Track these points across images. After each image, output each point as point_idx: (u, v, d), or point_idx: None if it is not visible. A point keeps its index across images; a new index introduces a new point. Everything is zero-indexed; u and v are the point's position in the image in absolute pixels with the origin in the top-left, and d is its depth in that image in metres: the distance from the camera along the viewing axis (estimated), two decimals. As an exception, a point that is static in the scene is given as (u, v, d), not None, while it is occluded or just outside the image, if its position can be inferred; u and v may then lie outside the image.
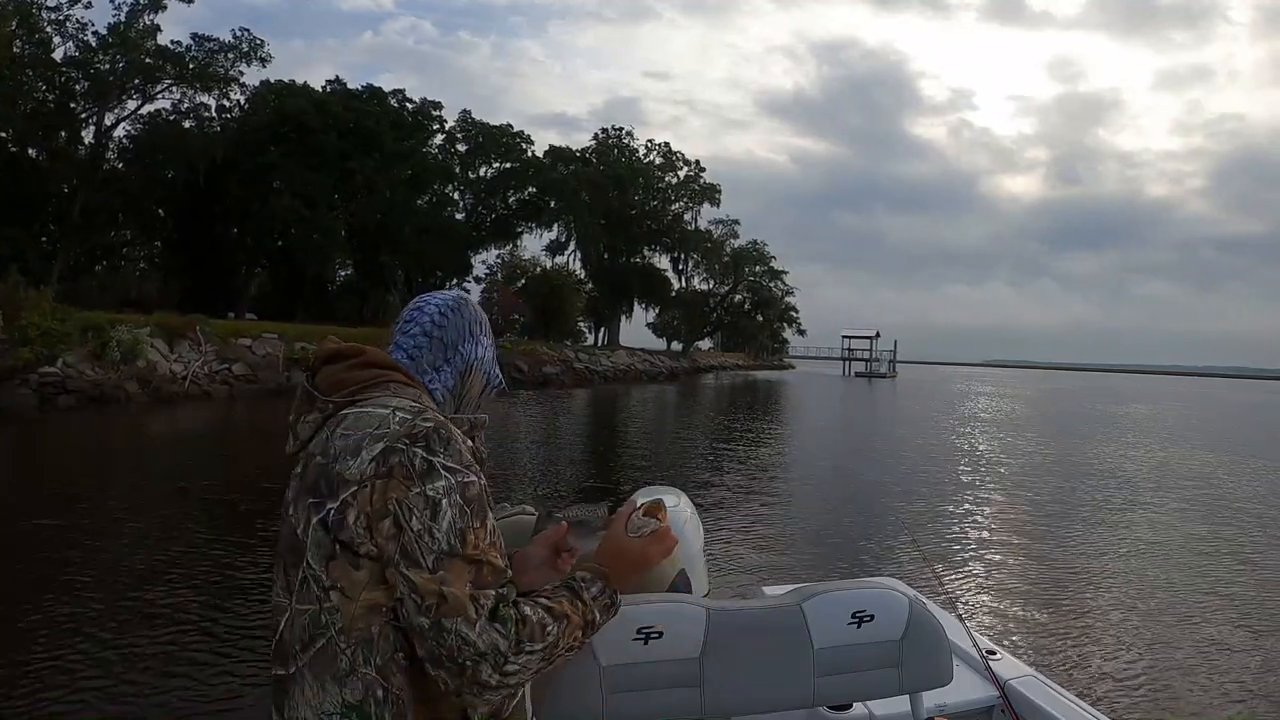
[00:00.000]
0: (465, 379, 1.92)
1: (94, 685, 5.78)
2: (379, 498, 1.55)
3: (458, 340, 1.92)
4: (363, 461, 1.57)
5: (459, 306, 1.96)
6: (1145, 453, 24.44)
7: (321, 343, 1.90)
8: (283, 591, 1.64)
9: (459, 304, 1.97)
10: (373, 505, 1.55)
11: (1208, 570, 10.48)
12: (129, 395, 25.70)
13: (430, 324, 1.90)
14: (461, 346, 1.92)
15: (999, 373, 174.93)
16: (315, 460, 1.64)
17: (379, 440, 1.58)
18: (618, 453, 20.29)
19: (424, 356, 1.88)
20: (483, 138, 71.62)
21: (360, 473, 1.56)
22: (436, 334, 1.89)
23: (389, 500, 1.55)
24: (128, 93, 52.62)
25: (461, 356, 1.92)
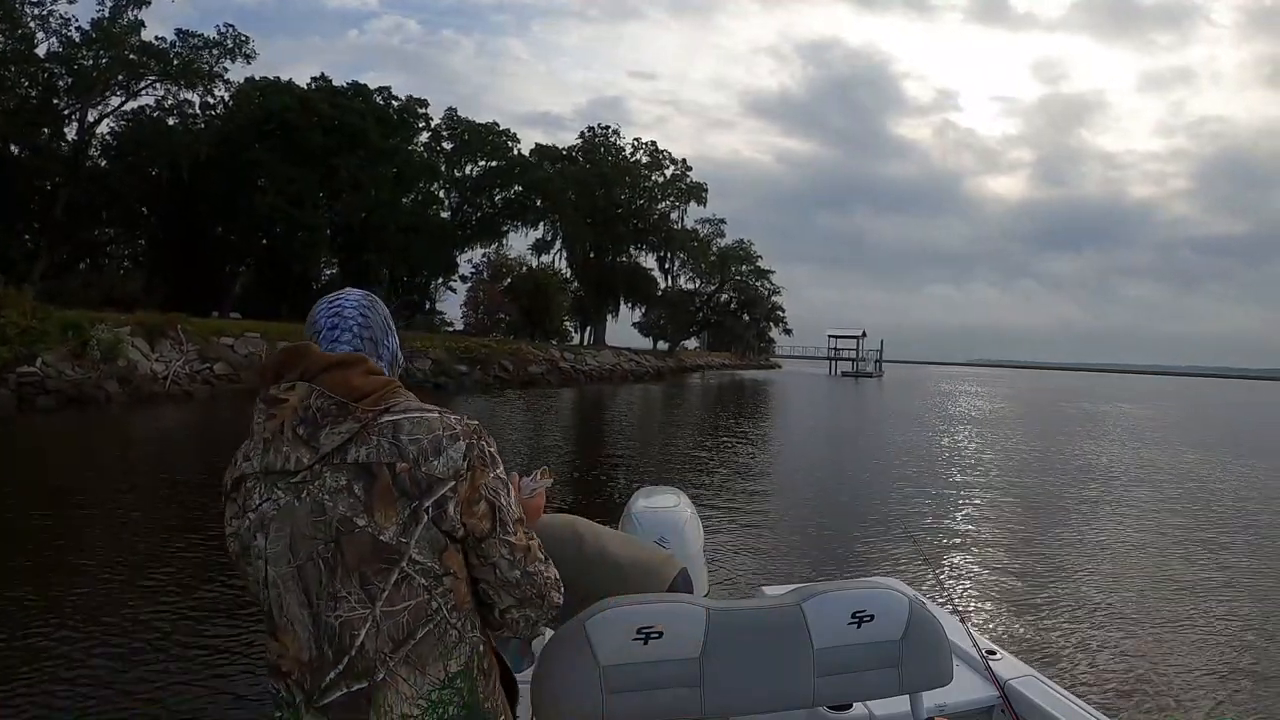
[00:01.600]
0: (392, 370, 2.01)
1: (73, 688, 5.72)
2: (470, 487, 1.79)
3: (383, 335, 2.00)
4: (451, 459, 1.76)
5: (373, 303, 2.03)
6: (1135, 451, 24.51)
7: (290, 348, 1.85)
8: (351, 603, 1.73)
9: (372, 300, 2.04)
10: (468, 494, 1.78)
11: (1207, 569, 10.49)
12: (109, 395, 25.47)
13: (359, 324, 1.96)
14: (386, 340, 2.01)
15: (984, 372, 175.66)
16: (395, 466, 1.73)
17: (457, 440, 1.79)
18: (610, 453, 20.16)
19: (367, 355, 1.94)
20: (468, 136, 71.41)
21: (453, 469, 1.76)
22: (367, 333, 1.97)
23: (479, 487, 1.81)
24: (111, 89, 52.25)
25: (388, 349, 2.01)
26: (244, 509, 1.80)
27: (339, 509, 1.72)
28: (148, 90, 53.95)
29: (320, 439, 1.73)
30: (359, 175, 57.81)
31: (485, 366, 45.09)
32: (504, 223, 73.94)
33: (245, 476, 1.82)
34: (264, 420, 1.79)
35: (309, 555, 1.74)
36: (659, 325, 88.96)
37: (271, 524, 1.76)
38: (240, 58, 55.41)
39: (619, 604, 2.52)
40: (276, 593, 1.77)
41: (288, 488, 1.75)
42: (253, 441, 1.82)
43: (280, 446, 1.76)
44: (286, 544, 1.75)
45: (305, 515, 1.73)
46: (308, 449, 1.74)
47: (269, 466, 1.77)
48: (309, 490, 1.74)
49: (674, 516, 4.37)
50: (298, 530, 1.74)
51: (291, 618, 1.76)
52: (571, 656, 2.45)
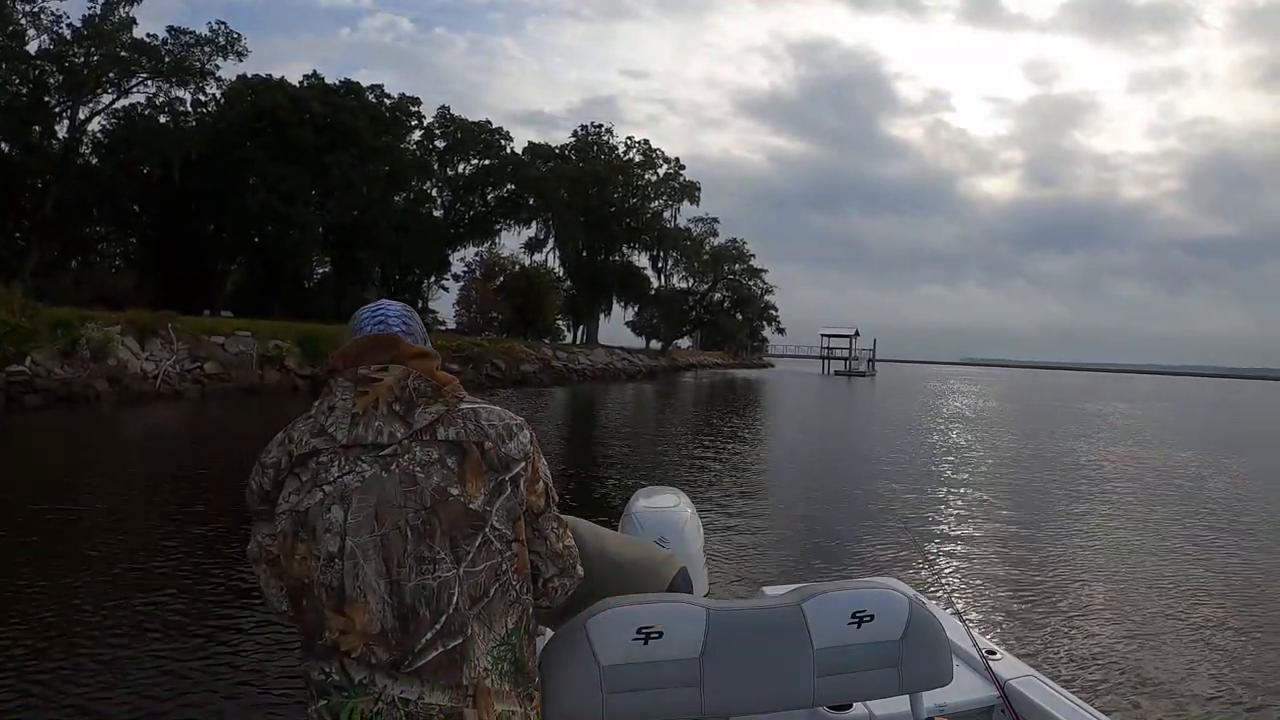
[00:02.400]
0: None
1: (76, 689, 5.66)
2: (533, 467, 2.04)
3: (422, 339, 2.12)
4: (521, 443, 2.01)
5: (412, 313, 2.19)
6: (1131, 451, 24.50)
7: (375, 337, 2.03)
8: (447, 565, 1.87)
9: (411, 310, 2.19)
10: (531, 474, 2.03)
11: (1207, 569, 10.47)
12: (98, 394, 25.34)
13: (404, 325, 2.09)
14: (424, 343, 2.11)
15: (976, 371, 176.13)
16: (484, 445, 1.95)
17: (522, 429, 2.05)
18: (605, 453, 20.06)
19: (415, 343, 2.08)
20: (461, 134, 71.29)
21: (524, 451, 2.01)
22: (412, 326, 2.13)
23: (538, 468, 2.07)
24: (102, 86, 52.14)
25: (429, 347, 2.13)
26: (315, 482, 1.87)
27: (433, 479, 1.87)
28: (139, 88, 53.95)
29: (415, 416, 1.91)
30: (351, 173, 57.66)
31: (477, 365, 44.96)
32: (496, 221, 73.87)
33: (319, 451, 1.89)
34: (352, 397, 1.91)
35: (394, 524, 1.84)
36: (652, 324, 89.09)
37: (354, 495, 1.85)
38: (232, 55, 55.35)
39: (619, 604, 2.51)
40: (353, 563, 1.83)
41: (374, 460, 1.87)
42: (330, 416, 1.91)
43: (372, 421, 1.89)
44: (371, 514, 1.84)
45: (394, 486, 1.86)
46: (402, 424, 1.90)
47: (357, 439, 1.88)
48: (399, 463, 1.87)
49: (674, 516, 4.36)
50: (385, 500, 1.85)
51: (365, 587, 1.83)
52: (572, 656, 2.44)
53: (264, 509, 1.97)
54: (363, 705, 1.84)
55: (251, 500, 1.99)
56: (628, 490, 13.46)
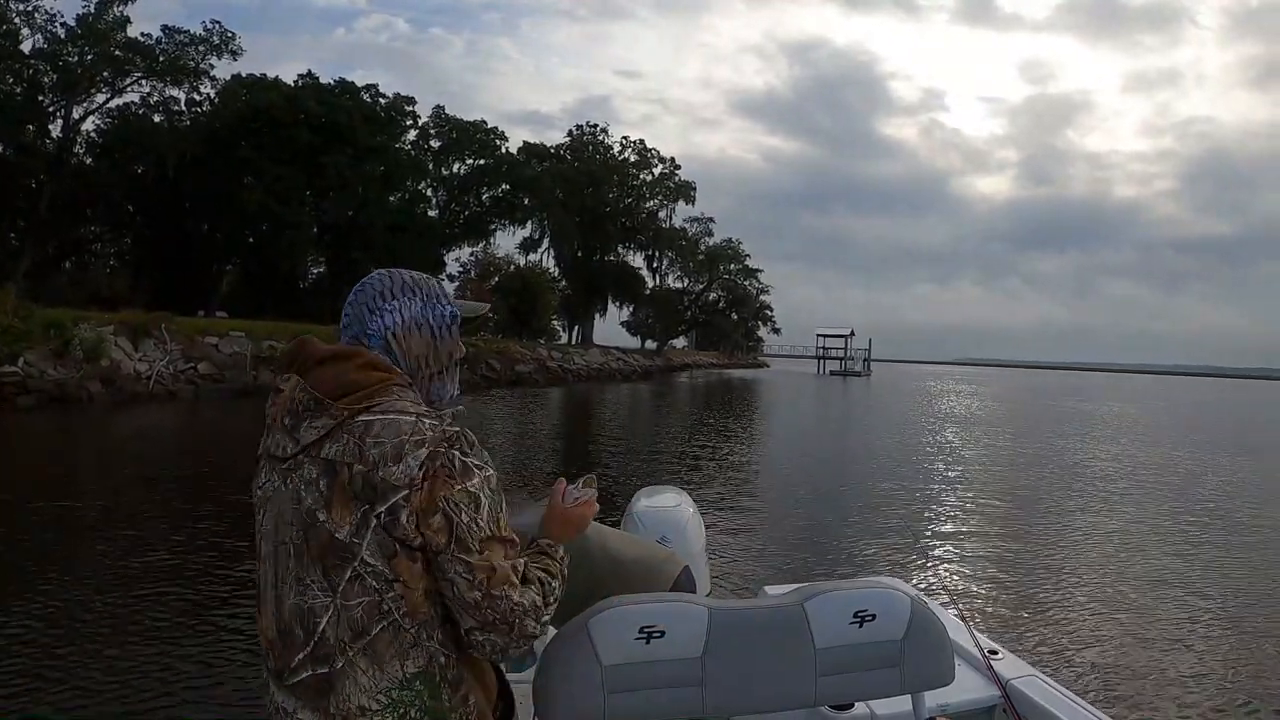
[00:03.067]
0: (392, 350, 1.94)
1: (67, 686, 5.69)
2: (427, 497, 1.72)
3: (369, 311, 1.94)
4: (409, 467, 1.71)
5: (385, 274, 2.00)
6: (1130, 450, 24.58)
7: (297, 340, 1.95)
8: (316, 591, 1.76)
9: (385, 273, 2.01)
10: (423, 504, 1.72)
11: (1208, 569, 10.51)
12: (91, 395, 25.26)
13: (352, 300, 1.96)
14: (373, 317, 1.93)
15: (971, 371, 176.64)
16: (354, 468, 1.72)
17: (420, 446, 1.73)
18: (601, 453, 20.01)
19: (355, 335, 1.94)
20: (456, 134, 71.14)
21: (409, 477, 1.71)
22: (353, 310, 1.95)
23: (437, 499, 1.73)
24: (96, 85, 52.10)
25: (377, 326, 1.93)
26: (255, 486, 1.90)
27: (307, 500, 1.76)
28: (133, 87, 53.95)
29: (300, 431, 1.79)
30: (346, 173, 57.49)
31: (472, 365, 44.86)
32: (492, 221, 73.70)
33: (259, 457, 1.91)
34: (269, 407, 1.88)
35: (283, 539, 1.80)
36: (647, 324, 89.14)
37: (267, 504, 1.85)
38: (227, 54, 55.37)
39: (621, 603, 2.50)
40: (263, 569, 1.85)
41: (279, 473, 1.82)
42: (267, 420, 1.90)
43: (276, 433, 1.84)
44: (273, 525, 1.82)
45: (287, 501, 1.79)
46: (291, 439, 1.80)
47: (269, 450, 1.86)
48: (292, 478, 1.79)
49: (676, 516, 4.39)
50: (280, 514, 1.81)
51: (264, 596, 1.85)
52: (574, 656, 2.43)
53: None
54: (268, 699, 1.88)
55: None
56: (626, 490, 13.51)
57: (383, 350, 1.91)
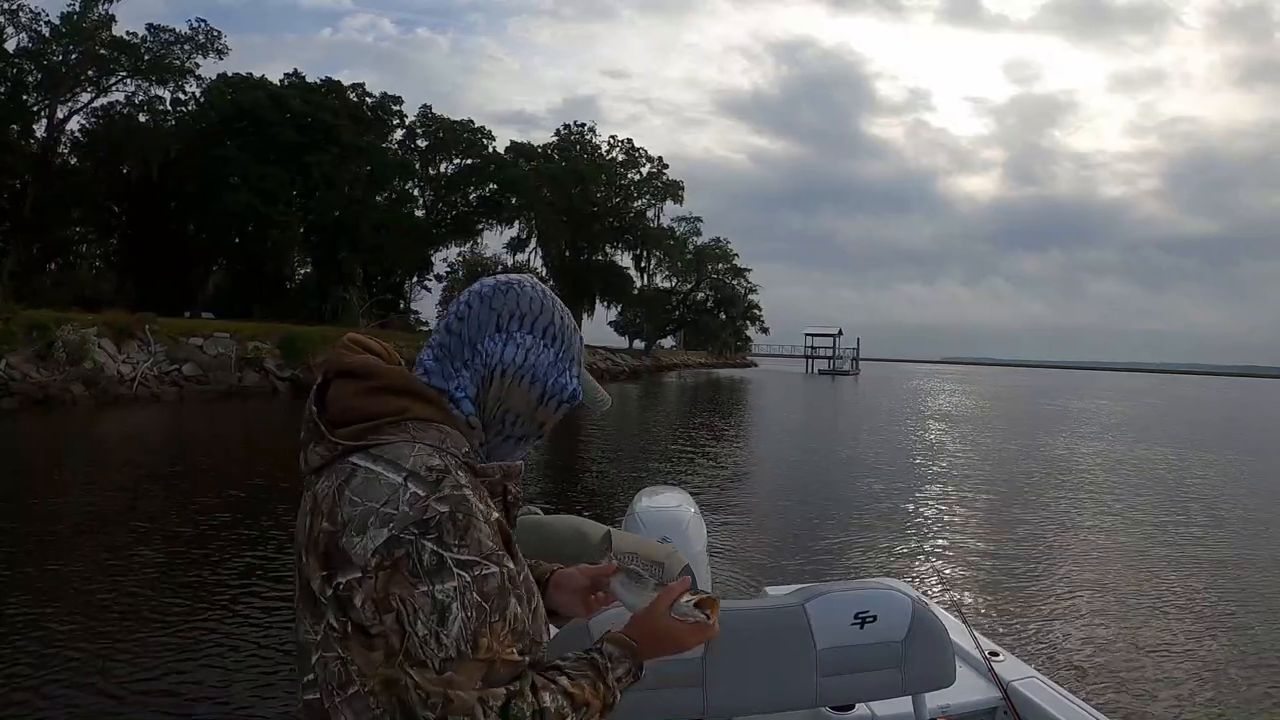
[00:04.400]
0: (488, 387, 1.57)
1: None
2: (382, 589, 1.33)
3: (477, 335, 1.57)
4: (367, 547, 1.33)
5: (493, 291, 1.61)
6: (1126, 450, 24.60)
7: (336, 347, 1.60)
8: (310, 629, 1.41)
9: (494, 289, 1.62)
10: (376, 595, 1.33)
11: (1209, 569, 10.54)
12: (75, 398, 25.16)
13: (454, 314, 1.59)
14: (481, 344, 1.57)
15: (959, 370, 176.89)
16: (323, 523, 1.39)
17: (385, 525, 1.34)
18: (594, 454, 19.90)
19: (448, 355, 1.58)
20: (443, 133, 70.93)
21: (364, 560, 1.33)
22: (457, 327, 1.58)
23: (391, 596, 1.32)
24: (81, 85, 51.86)
25: (481, 357, 1.56)
26: None
27: (301, 534, 1.46)
28: (118, 86, 53.72)
29: (308, 452, 1.50)
30: (332, 173, 57.29)
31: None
32: (479, 221, 73.56)
33: None
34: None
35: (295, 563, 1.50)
36: (635, 324, 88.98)
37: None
38: (212, 53, 55.23)
39: None
40: None
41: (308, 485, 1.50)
42: None
43: (304, 446, 1.52)
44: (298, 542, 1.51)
45: (303, 518, 1.48)
46: (303, 458, 1.51)
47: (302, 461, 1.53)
48: (307, 498, 1.48)
49: (677, 516, 4.42)
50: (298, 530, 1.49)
51: None
52: None
53: None
54: None
55: None
56: (626, 491, 13.42)
57: (476, 383, 1.58)
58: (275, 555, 9.28)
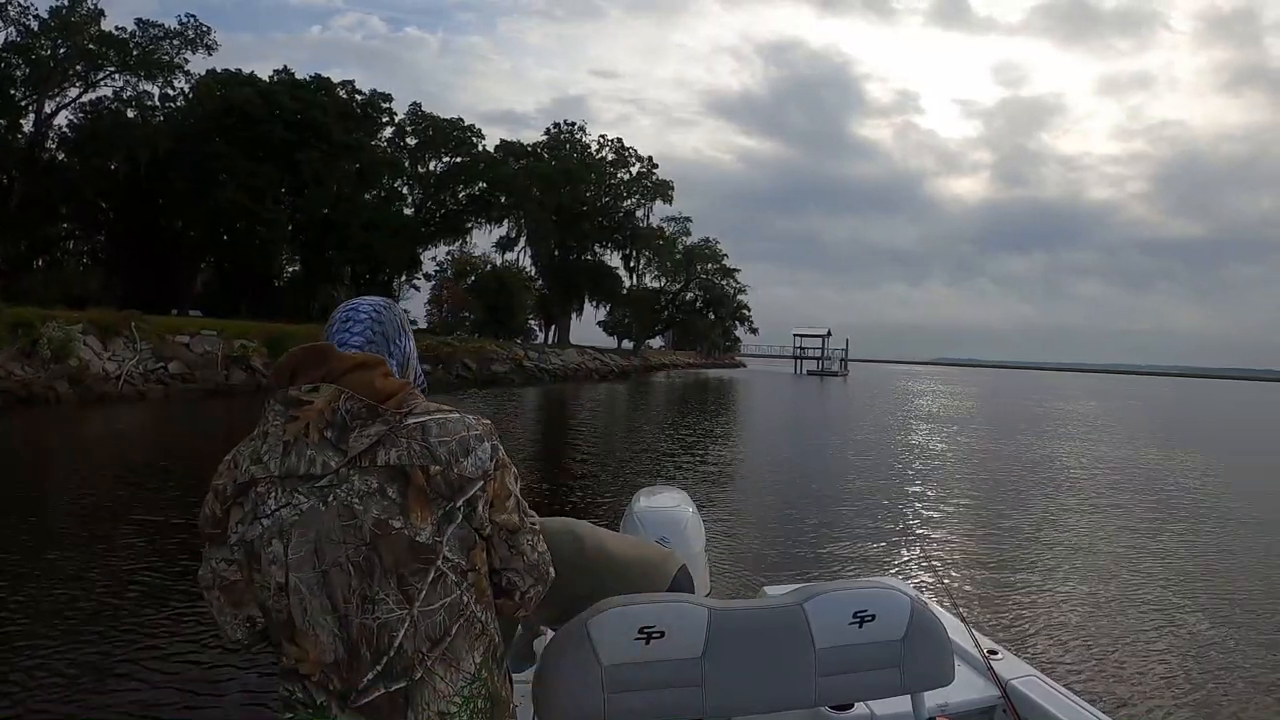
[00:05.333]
0: (407, 362, 2.03)
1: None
2: (500, 484, 1.85)
3: (395, 334, 2.00)
4: (480, 460, 1.81)
5: (389, 304, 2.06)
6: (1121, 450, 24.76)
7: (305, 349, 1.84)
8: (390, 605, 1.74)
9: (388, 303, 2.06)
10: (496, 493, 1.84)
11: (1209, 568, 10.58)
12: (59, 396, 24.93)
13: (370, 320, 1.97)
14: (398, 339, 2.00)
15: (949, 371, 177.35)
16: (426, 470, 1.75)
17: (482, 440, 1.84)
18: (586, 455, 19.84)
19: (375, 346, 1.95)
20: (433, 131, 70.83)
21: (482, 469, 1.81)
22: (378, 329, 1.96)
23: (506, 483, 1.88)
24: (69, 80, 51.68)
25: (399, 349, 2.00)
26: (255, 514, 1.77)
27: (371, 512, 1.73)
28: (106, 81, 53.57)
29: (349, 442, 1.74)
30: (321, 170, 57.16)
31: (447, 365, 44.68)
32: (468, 220, 73.44)
33: (256, 480, 1.78)
34: (283, 423, 1.78)
35: (335, 560, 1.74)
36: (624, 324, 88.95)
37: (293, 529, 1.74)
38: (202, 49, 55.22)
39: (621, 604, 2.54)
40: (299, 598, 1.75)
41: (311, 492, 1.74)
42: (264, 443, 1.79)
43: (304, 450, 1.75)
44: (311, 549, 1.74)
45: (333, 519, 1.73)
46: (336, 452, 1.74)
47: (290, 470, 1.75)
48: (335, 494, 1.73)
49: (676, 516, 4.45)
50: (324, 535, 1.73)
51: (314, 622, 1.75)
52: (573, 656, 2.48)
53: (215, 533, 1.84)
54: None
55: (203, 524, 1.87)
56: (622, 492, 13.37)
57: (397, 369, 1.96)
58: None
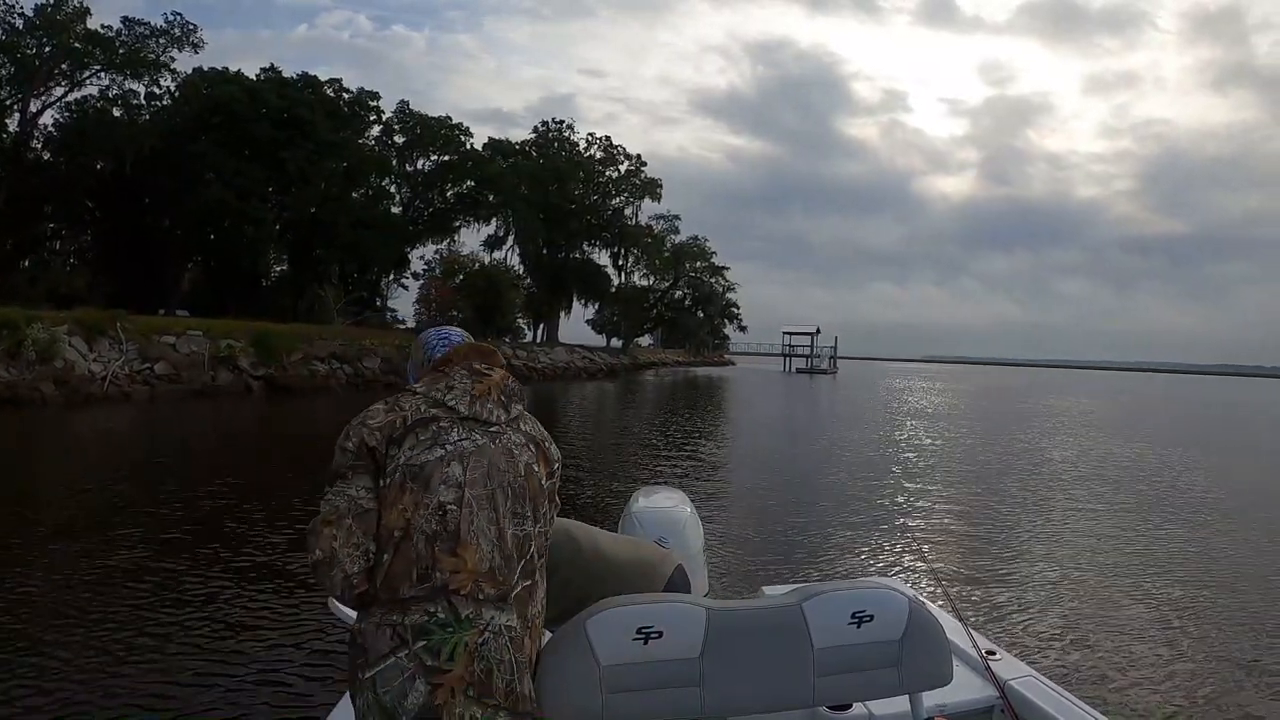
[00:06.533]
0: None
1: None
2: (560, 467, 2.64)
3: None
4: (558, 450, 2.63)
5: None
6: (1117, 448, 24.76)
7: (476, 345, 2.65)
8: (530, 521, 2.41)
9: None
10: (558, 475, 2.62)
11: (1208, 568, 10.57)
12: (44, 397, 24.76)
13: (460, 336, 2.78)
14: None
15: (938, 369, 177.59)
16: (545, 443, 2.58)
17: (553, 442, 2.64)
18: (587, 454, 19.69)
19: None
20: (421, 129, 70.55)
21: (558, 455, 2.63)
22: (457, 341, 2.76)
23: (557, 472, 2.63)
24: (55, 78, 51.40)
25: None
26: (436, 442, 2.32)
27: (524, 457, 2.45)
28: (92, 80, 53.28)
29: (512, 409, 2.50)
30: (308, 169, 56.72)
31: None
32: (456, 218, 73.19)
33: (438, 418, 2.36)
34: (471, 383, 2.45)
35: (500, 484, 2.35)
36: (612, 322, 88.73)
37: (470, 456, 2.33)
38: (188, 47, 54.94)
39: (619, 604, 2.57)
40: (469, 511, 2.26)
41: (485, 433, 2.40)
42: (450, 394, 2.41)
43: (486, 403, 2.44)
44: (484, 472, 2.33)
45: (500, 454, 2.39)
46: (504, 411, 2.48)
47: (476, 414, 2.41)
48: (501, 439, 2.42)
49: (674, 516, 4.49)
50: (493, 464, 2.36)
51: (479, 532, 2.26)
52: (571, 657, 2.48)
53: (360, 464, 2.30)
54: (469, 638, 2.18)
55: (344, 459, 2.31)
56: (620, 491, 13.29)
57: None
58: (240, 553, 9.10)
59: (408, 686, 2.12)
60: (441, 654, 2.14)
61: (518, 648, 2.25)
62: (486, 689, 2.17)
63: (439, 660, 2.13)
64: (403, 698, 2.12)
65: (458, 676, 2.14)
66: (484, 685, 2.16)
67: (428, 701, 2.12)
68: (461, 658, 2.15)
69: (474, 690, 2.15)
